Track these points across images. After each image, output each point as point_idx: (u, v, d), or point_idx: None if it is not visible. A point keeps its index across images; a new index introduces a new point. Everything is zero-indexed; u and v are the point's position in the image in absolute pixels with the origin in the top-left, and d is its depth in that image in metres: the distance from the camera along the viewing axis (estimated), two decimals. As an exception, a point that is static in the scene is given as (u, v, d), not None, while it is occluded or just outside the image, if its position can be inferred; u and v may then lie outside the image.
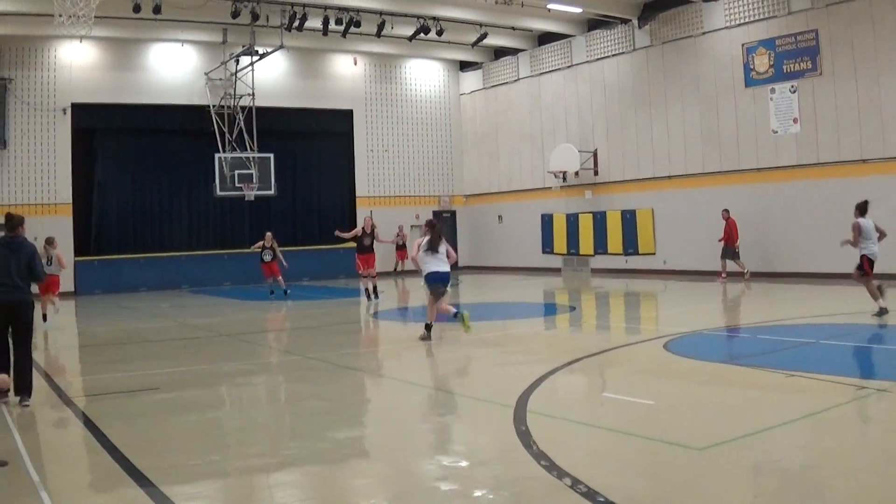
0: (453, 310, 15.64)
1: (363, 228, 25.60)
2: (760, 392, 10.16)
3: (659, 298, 24.67)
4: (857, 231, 16.65)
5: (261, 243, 27.23)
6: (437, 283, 15.69)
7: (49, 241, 20.91)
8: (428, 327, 15.71)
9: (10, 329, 10.93)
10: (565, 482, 6.61)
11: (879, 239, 16.88)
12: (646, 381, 11.34)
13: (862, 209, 16.91)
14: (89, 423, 9.62)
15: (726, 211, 27.27)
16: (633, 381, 11.36)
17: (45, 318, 20.86)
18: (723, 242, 27.13)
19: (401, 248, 36.76)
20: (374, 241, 25.54)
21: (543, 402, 9.77)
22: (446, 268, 15.74)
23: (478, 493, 6.70)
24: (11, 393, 10.72)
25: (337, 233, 26.25)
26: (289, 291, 27.36)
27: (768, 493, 6.44)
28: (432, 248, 15.67)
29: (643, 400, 9.90)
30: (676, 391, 10.45)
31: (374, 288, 24.89)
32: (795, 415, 8.72)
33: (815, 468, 7.06)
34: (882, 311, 16.15)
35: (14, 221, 11.38)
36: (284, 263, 27.38)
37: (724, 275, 27.00)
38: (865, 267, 16.67)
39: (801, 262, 26.58)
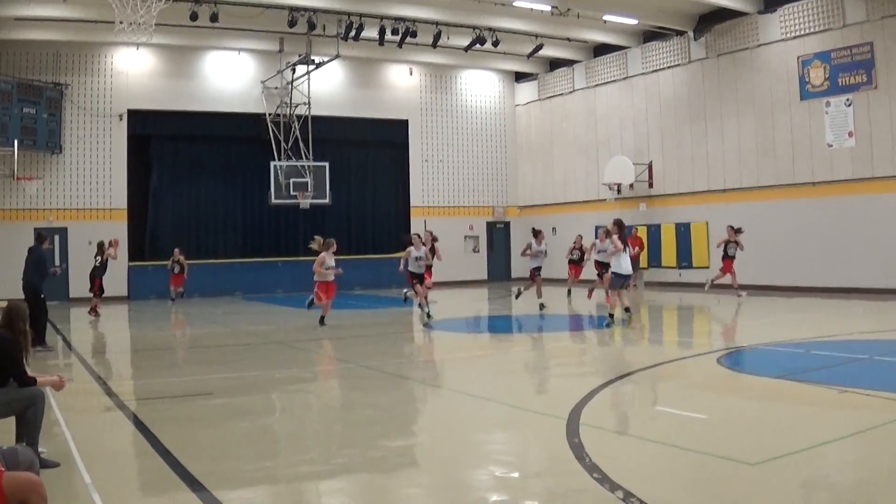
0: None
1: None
2: (813, 408, 10.10)
3: (712, 312, 24.48)
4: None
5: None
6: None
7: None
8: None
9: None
10: (617, 495, 6.59)
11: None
12: (699, 395, 11.27)
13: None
14: (142, 427, 9.73)
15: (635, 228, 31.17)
16: (687, 396, 11.28)
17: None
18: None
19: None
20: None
21: (596, 415, 9.74)
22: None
23: (529, 505, 6.71)
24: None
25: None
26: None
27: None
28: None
29: (696, 414, 9.85)
30: (729, 406, 10.36)
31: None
32: (848, 431, 8.62)
33: (866, 485, 6.97)
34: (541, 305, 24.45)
35: (38, 236, 17.67)
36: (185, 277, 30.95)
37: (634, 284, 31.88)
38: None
39: (855, 278, 26.25)
